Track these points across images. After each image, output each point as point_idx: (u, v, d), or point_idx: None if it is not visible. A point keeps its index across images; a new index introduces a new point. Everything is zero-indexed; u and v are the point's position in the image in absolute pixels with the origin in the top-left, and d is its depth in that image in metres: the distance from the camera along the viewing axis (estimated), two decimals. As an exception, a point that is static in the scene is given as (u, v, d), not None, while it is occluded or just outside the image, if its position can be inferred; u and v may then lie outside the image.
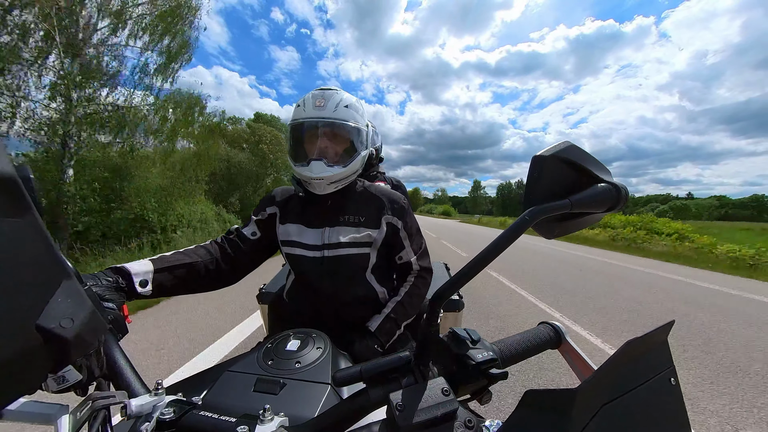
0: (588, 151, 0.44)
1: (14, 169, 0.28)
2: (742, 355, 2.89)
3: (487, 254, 0.37)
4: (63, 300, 0.30)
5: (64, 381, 0.38)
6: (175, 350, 2.79)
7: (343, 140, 0.95)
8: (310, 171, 0.91)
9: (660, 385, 0.30)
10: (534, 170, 0.42)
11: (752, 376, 2.50)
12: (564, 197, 0.41)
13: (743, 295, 5.15)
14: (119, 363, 0.51)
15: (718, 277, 6.98)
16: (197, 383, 0.60)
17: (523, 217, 0.39)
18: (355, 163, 0.97)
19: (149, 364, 2.53)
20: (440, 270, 2.09)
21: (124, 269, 0.76)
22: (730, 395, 2.23)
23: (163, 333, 3.15)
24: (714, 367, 2.64)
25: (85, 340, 0.32)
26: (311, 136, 0.94)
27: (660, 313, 4.07)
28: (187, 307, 3.83)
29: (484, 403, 0.43)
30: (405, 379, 0.39)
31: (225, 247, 0.98)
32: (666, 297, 4.88)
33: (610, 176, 0.45)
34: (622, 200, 0.43)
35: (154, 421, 0.41)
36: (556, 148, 0.42)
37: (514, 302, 4.42)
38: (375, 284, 1.02)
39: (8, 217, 0.26)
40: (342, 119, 0.93)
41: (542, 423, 0.30)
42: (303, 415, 0.49)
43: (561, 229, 0.46)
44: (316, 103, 0.93)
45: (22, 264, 0.27)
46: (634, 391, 0.29)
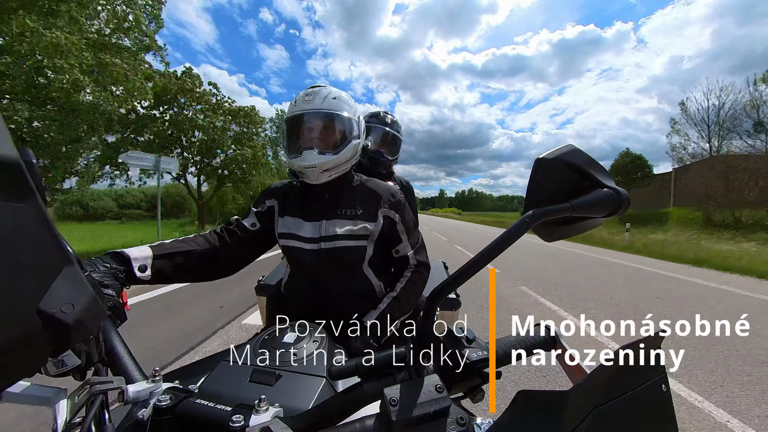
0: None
1: (17, 152, 0.28)
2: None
3: (486, 254, 0.37)
4: (64, 285, 0.30)
5: (63, 365, 0.38)
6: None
7: (332, 129, 0.98)
8: (303, 160, 0.94)
9: (651, 390, 0.30)
10: (536, 172, 0.42)
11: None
12: (565, 201, 0.41)
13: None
14: (117, 349, 0.52)
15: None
16: (194, 372, 0.60)
17: (524, 218, 0.39)
18: (347, 151, 0.98)
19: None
20: (438, 268, 2.09)
21: (124, 254, 0.77)
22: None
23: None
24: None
25: (84, 326, 0.33)
26: (302, 127, 0.98)
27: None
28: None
29: (476, 402, 0.44)
30: (400, 374, 0.40)
31: (224, 237, 0.99)
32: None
33: (612, 181, 0.45)
34: (623, 206, 0.43)
35: (150, 408, 0.41)
36: (559, 151, 0.42)
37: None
38: (372, 277, 1.03)
39: (10, 201, 0.26)
40: (329, 109, 0.97)
41: (533, 423, 0.30)
42: (298, 406, 0.49)
43: (560, 233, 0.46)
44: (305, 98, 0.98)
45: (24, 248, 0.27)
46: (626, 396, 0.29)
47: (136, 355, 0.53)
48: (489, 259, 0.37)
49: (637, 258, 8.78)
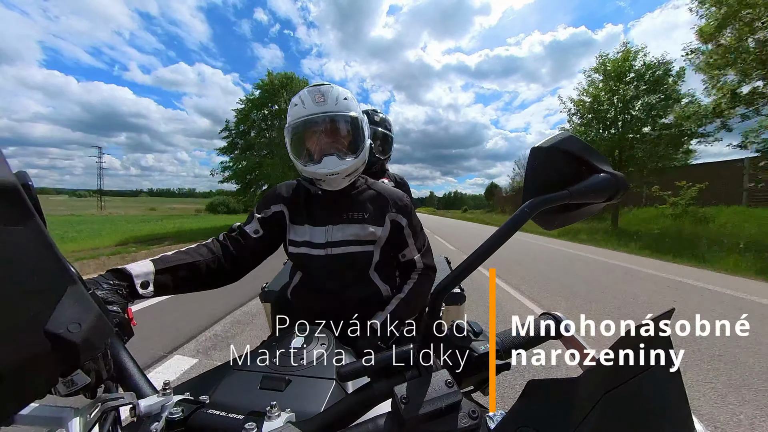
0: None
1: (14, 176, 0.28)
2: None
3: (488, 247, 0.37)
4: (70, 305, 0.30)
5: (74, 384, 0.38)
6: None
7: (349, 132, 0.95)
8: (324, 167, 0.91)
9: (661, 373, 0.30)
10: (533, 162, 0.42)
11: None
12: (563, 188, 0.41)
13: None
14: (126, 365, 0.52)
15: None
16: (204, 382, 0.60)
17: (523, 209, 0.39)
18: (364, 153, 0.97)
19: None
20: (441, 264, 2.09)
21: (125, 271, 0.76)
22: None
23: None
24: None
25: (92, 344, 0.33)
26: (317, 132, 0.94)
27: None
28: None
29: (487, 394, 0.44)
30: (409, 372, 0.40)
31: (227, 245, 0.98)
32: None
33: (609, 166, 0.45)
34: (621, 190, 0.43)
35: (163, 421, 0.41)
36: (554, 139, 0.42)
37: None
38: (379, 282, 1.02)
39: (11, 225, 0.27)
40: (345, 111, 0.93)
41: (545, 412, 0.30)
42: (309, 410, 0.49)
43: (561, 220, 0.46)
44: (315, 99, 0.92)
45: (28, 271, 0.27)
46: (635, 380, 0.29)
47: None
48: (490, 252, 0.37)
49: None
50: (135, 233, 13.65)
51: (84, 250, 8.77)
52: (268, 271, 1.88)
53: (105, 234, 13.12)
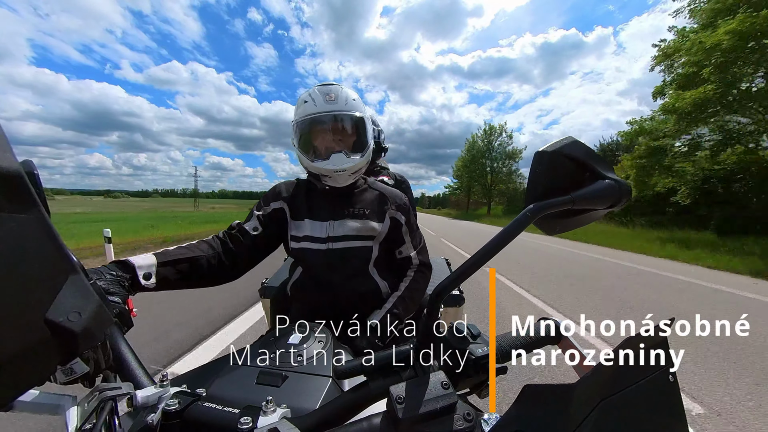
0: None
1: (19, 164, 0.28)
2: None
3: (488, 250, 0.37)
4: (70, 294, 0.30)
5: (72, 373, 0.39)
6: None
7: (357, 131, 1.00)
8: (332, 164, 0.94)
9: (659, 381, 0.30)
10: (536, 166, 0.42)
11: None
12: (566, 193, 0.41)
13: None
14: (125, 355, 0.52)
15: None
16: (201, 375, 0.61)
17: (525, 213, 0.39)
18: (370, 153, 1.01)
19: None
20: (441, 265, 2.09)
21: (129, 263, 0.77)
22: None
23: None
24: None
25: (92, 333, 0.33)
26: (327, 129, 0.97)
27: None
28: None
29: (483, 397, 0.44)
30: (405, 372, 0.40)
31: (227, 242, 0.98)
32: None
33: (613, 173, 0.44)
34: (624, 197, 0.42)
35: (159, 412, 0.42)
36: (558, 144, 0.42)
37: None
38: (377, 278, 1.03)
39: (15, 212, 0.27)
40: (355, 111, 0.98)
41: (540, 417, 0.30)
42: (305, 407, 0.50)
43: (563, 226, 0.46)
44: (327, 97, 0.96)
45: (29, 259, 0.27)
46: (633, 387, 0.29)
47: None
48: (490, 256, 0.37)
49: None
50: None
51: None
52: (268, 269, 1.89)
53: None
